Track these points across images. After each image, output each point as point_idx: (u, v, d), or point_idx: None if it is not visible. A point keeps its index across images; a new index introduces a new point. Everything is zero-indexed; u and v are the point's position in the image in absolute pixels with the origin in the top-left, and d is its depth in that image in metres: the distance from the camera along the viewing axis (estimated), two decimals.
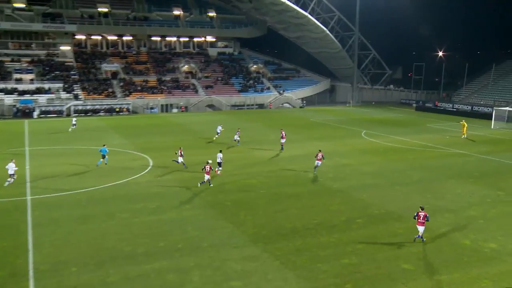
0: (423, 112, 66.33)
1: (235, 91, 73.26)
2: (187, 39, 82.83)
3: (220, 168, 25.73)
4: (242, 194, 22.20)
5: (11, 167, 22.73)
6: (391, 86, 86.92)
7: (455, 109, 64.34)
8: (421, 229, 16.42)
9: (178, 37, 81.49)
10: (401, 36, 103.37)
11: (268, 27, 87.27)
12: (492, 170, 27.36)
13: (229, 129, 41.14)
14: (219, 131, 37.79)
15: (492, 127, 46.62)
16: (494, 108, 50.91)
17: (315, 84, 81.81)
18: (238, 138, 35.45)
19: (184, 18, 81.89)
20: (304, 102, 75.04)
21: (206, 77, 75.93)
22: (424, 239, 16.44)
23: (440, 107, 67.95)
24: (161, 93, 66.74)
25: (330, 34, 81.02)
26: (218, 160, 25.73)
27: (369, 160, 30.26)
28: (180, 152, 27.07)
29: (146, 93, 65.92)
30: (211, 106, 68.32)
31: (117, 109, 59.56)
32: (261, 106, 72.42)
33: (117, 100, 61.88)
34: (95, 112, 58.64)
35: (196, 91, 70.12)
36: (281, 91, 75.39)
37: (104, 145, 28.42)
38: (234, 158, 30.57)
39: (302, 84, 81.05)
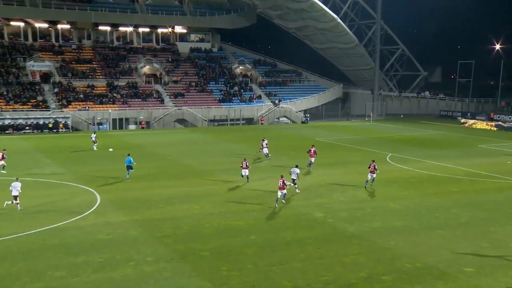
0: (472, 128, 67.48)
1: (215, 101, 73.97)
2: (148, 29, 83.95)
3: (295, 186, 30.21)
4: (224, 241, 22.29)
5: (16, 187, 26.22)
6: (427, 93, 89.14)
7: None
8: None
9: (136, 26, 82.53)
10: (440, 24, 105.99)
11: (259, 14, 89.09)
12: None
13: (210, 153, 40.99)
14: (265, 146, 41.90)
15: None
16: None
17: (322, 91, 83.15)
18: (267, 151, 40.54)
19: (144, 0, 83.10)
20: (308, 115, 76.03)
21: (175, 81, 76.58)
22: None
23: (498, 120, 69.14)
24: (113, 104, 67.04)
25: (343, 23, 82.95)
26: (293, 177, 30.16)
27: (398, 194, 30.62)
28: (246, 164, 32.32)
29: (91, 103, 66.13)
30: (182, 121, 68.75)
31: (50, 125, 59.52)
32: (249, 121, 73.19)
33: (50, 112, 61.92)
34: (17, 129, 58.40)
35: (162, 101, 70.60)
36: (277, 101, 76.34)
37: (128, 154, 34.52)
38: (214, 190, 30.93)
39: (304, 92, 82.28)
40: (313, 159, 34.86)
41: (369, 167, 31.79)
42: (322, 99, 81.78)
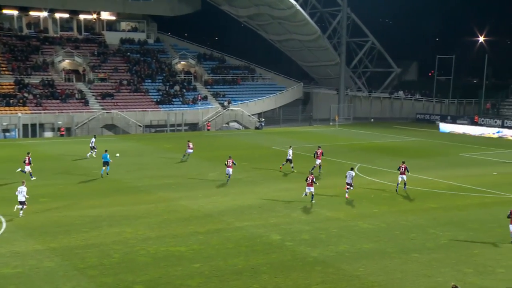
0: (453, 133, 69.37)
1: (151, 103, 73.49)
2: (67, 15, 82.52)
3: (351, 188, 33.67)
4: (163, 271, 22.07)
5: (22, 192, 29.04)
6: (401, 93, 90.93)
7: (507, 127, 67.72)
8: None
9: (52, 11, 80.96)
10: (415, 13, 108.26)
11: None
12: None
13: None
14: (290, 156, 42.40)
15: None
16: None
17: (279, 91, 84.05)
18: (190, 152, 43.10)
19: None
20: (263, 120, 76.53)
21: (102, 79, 75.51)
22: None
23: (482, 124, 71.41)
24: (23, 106, 65.44)
25: (302, 11, 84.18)
26: (348, 181, 33.75)
27: (368, 211, 30.97)
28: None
29: None
30: (111, 127, 67.84)
31: None
32: (193, 127, 72.98)
33: None
34: None
35: (86, 103, 69.52)
36: (226, 103, 76.49)
37: (106, 150, 39.61)
38: (150, 210, 30.72)
39: (258, 92, 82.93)
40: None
41: (399, 169, 35.24)
42: (280, 100, 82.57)
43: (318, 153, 41.15)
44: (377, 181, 39.05)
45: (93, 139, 49.36)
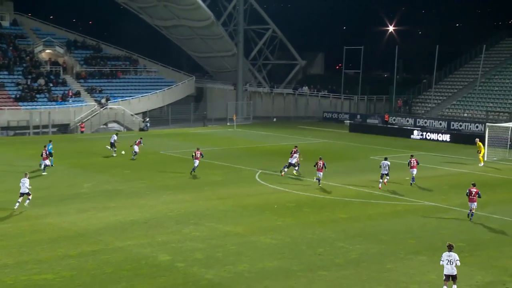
0: (362, 134, 71.52)
1: (8, 100, 71.14)
2: None
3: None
4: None
5: (25, 184, 33.48)
6: (306, 88, 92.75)
7: (419, 127, 70.78)
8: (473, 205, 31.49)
9: None
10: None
11: None
12: (489, 237, 29.69)
13: None
14: (294, 163, 43.88)
15: (485, 158, 51.33)
16: (487, 124, 56.23)
17: (167, 86, 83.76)
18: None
19: None
20: (148, 120, 75.84)
21: None
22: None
23: (394, 124, 74.23)
24: None
25: None
26: (385, 171, 40.02)
27: (271, 224, 31.29)
28: (199, 154, 43.56)
29: None
30: None
31: None
32: (63, 129, 71.14)
33: None
34: None
35: None
36: (103, 100, 75.20)
37: (50, 141, 46.31)
38: (8, 231, 29.61)
39: (143, 87, 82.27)
40: (321, 174, 39.83)
41: (409, 164, 40.44)
42: (168, 97, 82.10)
43: (320, 165, 41.05)
44: (281, 190, 39.44)
45: (115, 136, 52.50)
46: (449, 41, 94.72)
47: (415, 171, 40.15)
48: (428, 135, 67.32)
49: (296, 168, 43.81)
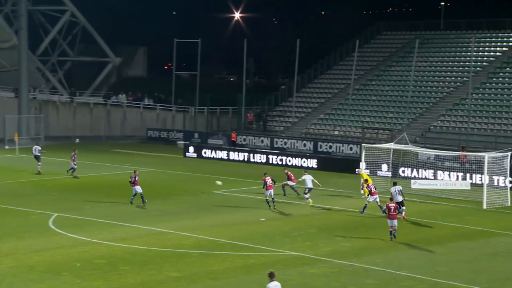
0: (202, 159, 64.29)
1: None
2: None
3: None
4: None
5: (36, 148, 51.92)
6: (122, 96, 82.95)
7: (277, 150, 63.44)
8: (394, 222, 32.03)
9: None
10: None
11: None
12: None
13: None
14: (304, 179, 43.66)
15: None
16: (363, 145, 50.01)
17: None
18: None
19: None
20: None
21: None
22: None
23: (245, 146, 66.43)
24: None
25: None
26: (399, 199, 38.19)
27: None
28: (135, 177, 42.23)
29: None
30: None
31: None
32: None
33: None
34: None
35: None
36: None
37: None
38: None
39: None
40: (294, 183, 43.48)
41: (368, 188, 40.61)
42: None
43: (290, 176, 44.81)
44: (86, 240, 34.31)
45: (37, 147, 54.20)
46: (313, 34, 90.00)
47: (376, 198, 40.29)
48: (290, 160, 59.98)
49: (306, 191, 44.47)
